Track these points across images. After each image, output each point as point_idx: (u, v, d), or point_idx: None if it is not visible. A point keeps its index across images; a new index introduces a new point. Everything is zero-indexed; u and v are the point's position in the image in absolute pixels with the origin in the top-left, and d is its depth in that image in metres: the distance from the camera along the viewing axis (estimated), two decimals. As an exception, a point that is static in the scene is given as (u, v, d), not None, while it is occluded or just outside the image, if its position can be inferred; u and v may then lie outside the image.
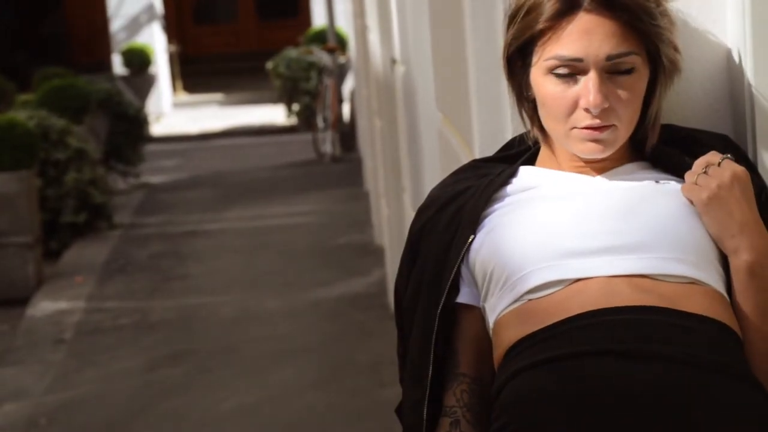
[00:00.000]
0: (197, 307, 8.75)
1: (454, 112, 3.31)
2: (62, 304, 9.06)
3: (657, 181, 2.20)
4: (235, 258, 10.24)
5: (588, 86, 2.11)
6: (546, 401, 2.01)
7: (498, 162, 2.40)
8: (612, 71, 2.13)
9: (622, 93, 2.13)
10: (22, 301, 9.33)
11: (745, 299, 2.10)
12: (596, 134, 2.14)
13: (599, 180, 2.22)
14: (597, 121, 2.12)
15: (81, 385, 7.25)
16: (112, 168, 13.31)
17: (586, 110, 2.11)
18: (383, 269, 8.53)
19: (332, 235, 10.63)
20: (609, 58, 2.11)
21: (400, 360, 2.37)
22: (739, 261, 2.09)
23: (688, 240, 2.11)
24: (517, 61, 2.23)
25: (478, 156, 2.70)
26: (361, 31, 9.70)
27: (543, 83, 2.16)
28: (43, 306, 9.07)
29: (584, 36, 2.12)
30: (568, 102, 2.13)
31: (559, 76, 2.14)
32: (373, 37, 8.10)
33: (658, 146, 2.25)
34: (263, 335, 7.94)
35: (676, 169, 2.21)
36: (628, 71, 2.14)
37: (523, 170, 2.30)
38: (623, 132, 2.17)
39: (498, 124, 2.66)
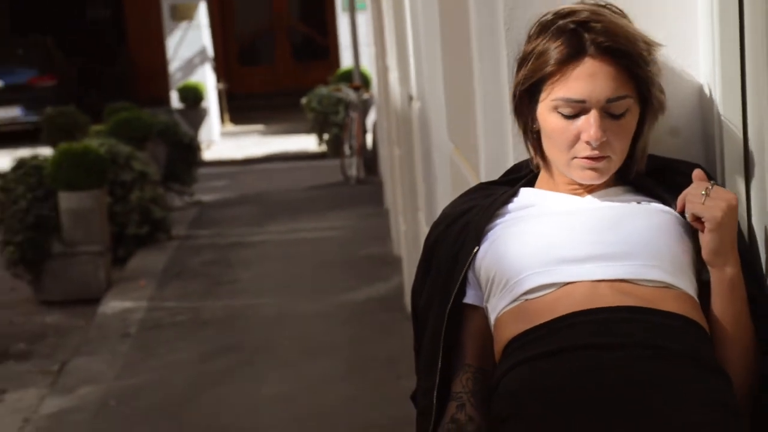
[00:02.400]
0: (242, 308, 8.77)
1: (463, 142, 3.34)
2: (128, 304, 9.08)
3: (638, 202, 2.23)
4: (274, 265, 10.24)
5: (590, 122, 2.14)
6: (538, 392, 2.05)
7: (501, 184, 2.44)
8: (609, 111, 2.16)
9: (617, 129, 2.16)
10: (95, 300, 9.36)
11: (724, 308, 2.12)
12: (594, 164, 2.17)
13: (589, 199, 2.25)
14: (596, 153, 2.15)
15: (144, 373, 7.28)
16: (170, 188, 13.31)
17: (587, 143, 2.15)
18: (401, 276, 8.52)
19: (357, 247, 10.62)
20: (609, 100, 2.14)
21: (416, 354, 2.39)
22: (725, 274, 2.11)
23: (664, 251, 2.14)
24: (525, 99, 2.25)
25: (483, 180, 2.72)
26: (383, 71, 9.68)
27: (549, 118, 2.19)
28: (112, 305, 9.09)
29: (588, 80, 2.15)
30: (571, 135, 2.16)
31: (563, 114, 2.17)
32: (393, 77, 8.10)
33: (640, 174, 2.28)
34: (298, 333, 7.95)
35: (655, 194, 2.26)
36: (623, 114, 2.17)
37: (523, 191, 2.34)
38: (616, 162, 2.20)
39: (501, 152, 2.67)
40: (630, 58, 2.16)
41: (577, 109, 2.15)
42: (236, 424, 6.25)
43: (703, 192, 2.08)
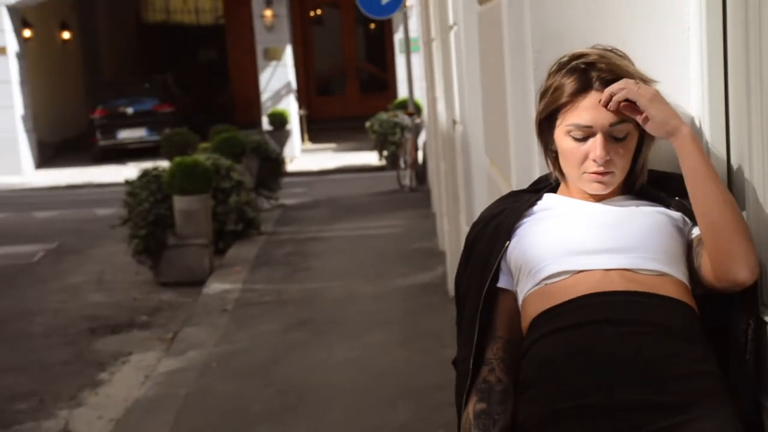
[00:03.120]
0: (316, 290, 8.77)
1: (497, 158, 3.31)
2: (226, 286, 9.12)
3: (638, 206, 2.21)
4: (342, 256, 10.24)
5: (596, 144, 2.15)
6: (561, 357, 2.08)
7: (528, 192, 2.42)
8: (612, 135, 2.16)
9: (619, 150, 2.17)
10: (200, 282, 9.41)
11: (691, 162, 2.12)
12: (600, 177, 2.18)
13: (598, 204, 2.23)
14: (601, 169, 2.16)
15: (238, 341, 7.30)
16: (260, 193, 13.37)
17: (594, 161, 2.15)
18: (444, 267, 8.50)
19: (409, 242, 10.60)
20: (611, 125, 2.15)
21: (458, 328, 2.38)
22: (683, 134, 2.13)
23: (659, 246, 2.13)
24: (545, 124, 2.26)
25: (514, 188, 2.71)
26: (432, 101, 9.66)
27: (563, 141, 2.20)
28: (214, 286, 9.14)
29: (594, 109, 2.15)
30: (581, 155, 2.17)
31: (574, 137, 2.18)
32: (440, 105, 8.08)
33: (642, 183, 2.27)
34: (360, 310, 7.95)
35: (654, 198, 2.24)
36: (624, 137, 2.18)
37: (546, 196, 2.33)
38: (619, 176, 2.20)
39: (528, 166, 2.65)
40: None
41: (585, 133, 2.17)
42: (310, 381, 6.25)
43: (636, 82, 2.14)
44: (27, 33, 22.53)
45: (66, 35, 25.36)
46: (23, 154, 21.83)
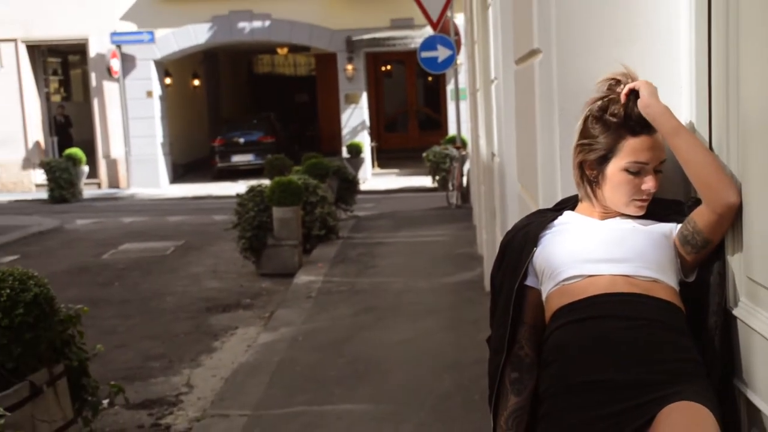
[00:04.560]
0: (381, 283, 8.76)
1: (527, 183, 3.27)
2: (311, 278, 9.15)
3: (634, 225, 2.17)
4: (402, 257, 10.23)
5: (651, 178, 2.14)
6: (573, 343, 2.06)
7: (551, 210, 2.39)
8: (657, 169, 2.16)
9: (657, 183, 2.16)
10: (291, 275, 9.45)
11: (669, 126, 2.08)
12: (645, 204, 2.17)
13: (606, 222, 2.20)
14: (646, 197, 2.16)
15: (320, 321, 7.31)
16: (339, 207, 13.41)
17: (646, 190, 2.14)
18: (482, 268, 8.46)
19: (454, 248, 10.56)
20: (661, 162, 2.16)
21: (491, 314, 2.37)
22: (659, 107, 2.09)
23: (652, 258, 2.08)
24: (594, 163, 2.21)
25: (540, 207, 2.67)
26: (475, 137, 9.63)
27: (618, 174, 2.16)
28: (302, 278, 9.17)
29: (645, 150, 2.14)
30: (637, 185, 2.14)
31: (630, 171, 2.14)
32: (482, 141, 8.05)
33: None
34: (415, 300, 7.92)
35: (650, 218, 2.19)
36: (660, 170, 2.17)
37: (566, 213, 2.30)
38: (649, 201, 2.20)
39: (552, 190, 2.62)
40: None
41: (640, 169, 2.14)
42: (375, 355, 6.23)
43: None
44: (167, 81, 22.91)
45: (196, 82, 25.73)
46: (161, 172, 22.17)
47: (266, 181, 10.76)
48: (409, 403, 5.18)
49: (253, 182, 11.14)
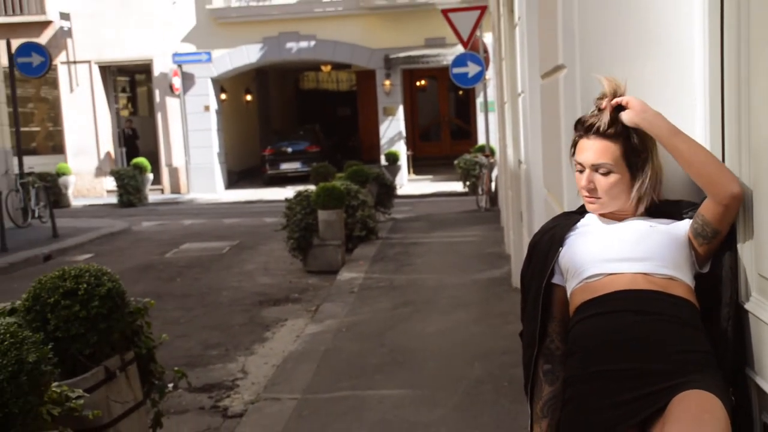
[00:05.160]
0: (416, 280, 8.75)
1: (553, 188, 3.25)
2: (353, 274, 9.16)
3: (651, 225, 2.13)
4: (436, 256, 10.21)
5: (583, 177, 2.18)
6: (594, 335, 2.05)
7: (575, 213, 2.37)
8: (597, 171, 2.14)
9: (602, 183, 2.14)
10: (335, 272, 9.47)
11: (666, 132, 2.06)
12: (590, 200, 2.19)
13: (624, 223, 2.17)
14: (587, 194, 2.18)
15: (361, 314, 7.32)
16: (378, 210, 13.41)
17: (581, 188, 2.19)
18: (509, 266, 8.42)
19: (484, 247, 10.51)
20: (593, 166, 2.16)
21: (522, 310, 2.34)
22: (650, 114, 2.08)
23: (668, 256, 2.06)
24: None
25: (565, 210, 2.66)
26: (503, 146, 9.60)
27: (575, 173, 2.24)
28: (345, 275, 9.19)
29: (584, 151, 2.17)
30: (580, 184, 2.20)
31: (578, 170, 2.20)
32: (509, 150, 8.02)
33: (653, 207, 2.19)
34: (448, 295, 7.89)
35: (663, 216, 2.17)
36: (606, 173, 2.14)
37: (588, 216, 2.28)
38: (607, 201, 2.17)
39: (576, 195, 2.58)
40: (618, 140, 2.13)
41: (581, 168, 2.19)
42: (412, 345, 6.22)
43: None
44: (223, 96, 23.08)
45: (248, 98, 25.88)
46: (217, 179, 22.34)
47: (312, 187, 10.80)
48: (444, 388, 5.17)
49: (300, 188, 11.17)
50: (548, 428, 2.16)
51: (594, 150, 2.13)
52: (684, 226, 2.12)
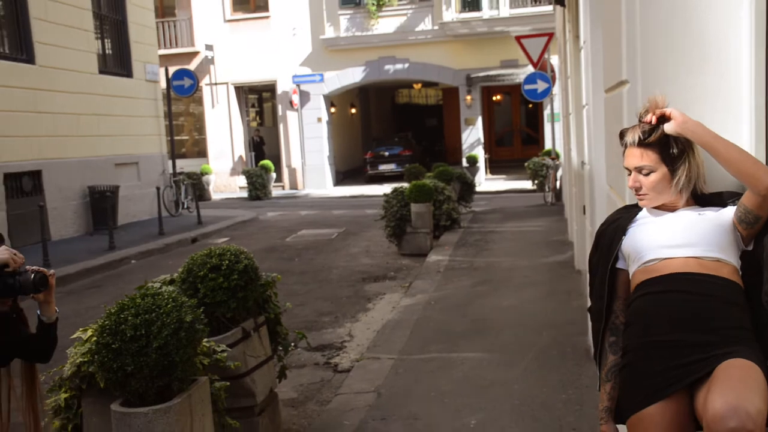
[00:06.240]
0: (493, 262, 8.69)
1: (615, 184, 3.16)
2: (440, 257, 9.16)
3: (699, 214, 2.06)
4: (509, 243, 10.10)
5: (630, 178, 2.15)
6: (648, 312, 2.00)
7: (635, 206, 2.29)
8: (641, 172, 2.11)
9: (645, 182, 2.11)
10: (424, 255, 9.52)
11: (706, 138, 1.98)
12: (639, 197, 2.15)
13: (676, 213, 2.12)
14: (636, 192, 2.15)
15: (446, 290, 7.32)
16: (460, 204, 13.32)
17: (630, 187, 2.15)
18: (572, 251, 8.26)
19: (550, 236, 10.34)
20: (636, 168, 2.13)
21: (590, 289, 2.29)
22: (691, 123, 2.00)
23: (715, 240, 2.00)
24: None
25: (627, 203, 2.56)
26: (567, 150, 9.39)
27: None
28: (432, 258, 9.20)
29: (629, 157, 2.14)
30: (628, 185, 2.16)
31: (628, 174, 2.16)
32: (573, 153, 7.84)
33: (702, 197, 2.12)
34: (520, 275, 7.81)
35: (710, 205, 2.09)
36: (647, 174, 2.11)
37: (645, 209, 2.21)
38: (653, 196, 2.12)
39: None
40: (657, 146, 2.09)
41: (629, 171, 2.15)
42: (489, 316, 6.19)
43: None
44: (332, 110, 23.34)
45: (353, 111, 26.11)
46: (327, 177, 22.64)
47: (406, 184, 10.83)
48: (516, 352, 5.12)
49: (396, 185, 11.23)
50: (612, 390, 2.13)
51: (637, 155, 2.11)
52: (729, 212, 2.04)
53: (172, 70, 17.96)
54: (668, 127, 2.04)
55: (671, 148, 2.06)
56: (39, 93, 12.18)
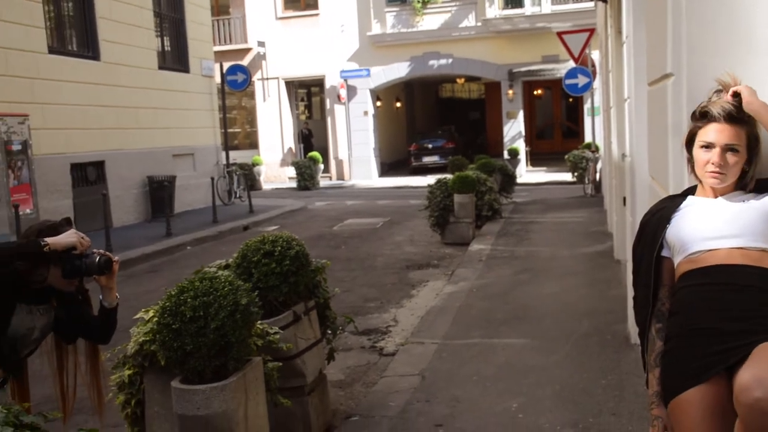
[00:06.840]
0: (534, 251, 8.60)
1: (658, 175, 3.09)
2: (482, 246, 9.10)
3: (744, 201, 2.01)
4: (549, 233, 9.98)
5: (715, 153, 2.03)
6: (692, 301, 1.97)
7: (679, 196, 2.24)
8: (729, 150, 2.01)
9: (731, 161, 2.01)
10: (467, 244, 9.46)
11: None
12: (715, 175, 2.04)
13: (720, 200, 2.06)
14: (717, 170, 2.02)
15: (488, 278, 7.28)
16: (502, 194, 13.20)
17: (712, 164, 2.03)
18: (612, 242, 8.13)
19: (590, 226, 10.17)
20: (726, 145, 2.02)
21: (635, 276, 2.23)
22: (757, 103, 1.96)
23: (760, 230, 1.95)
24: (689, 146, 2.13)
25: (670, 193, 2.51)
26: (608, 143, 9.21)
27: (697, 151, 2.08)
28: (475, 246, 9.15)
29: (717, 132, 2.02)
30: (707, 160, 2.04)
31: (703, 147, 2.05)
32: (614, 145, 7.68)
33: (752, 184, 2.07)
34: (560, 264, 7.72)
35: (759, 192, 2.03)
36: (735, 152, 2.01)
37: (689, 198, 2.16)
38: (728, 177, 2.03)
39: (680, 179, 2.47)
40: (745, 126, 2.01)
41: (709, 146, 2.04)
42: (530, 304, 6.14)
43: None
44: (378, 104, 23.34)
45: (398, 105, 26.07)
46: (373, 169, 22.69)
47: (449, 176, 10.78)
48: (557, 339, 5.07)
49: (439, 176, 11.19)
50: (660, 375, 2.10)
51: (727, 132, 2.01)
52: None
53: (226, 65, 18.22)
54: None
55: (756, 132, 2.01)
56: (103, 88, 12.50)
